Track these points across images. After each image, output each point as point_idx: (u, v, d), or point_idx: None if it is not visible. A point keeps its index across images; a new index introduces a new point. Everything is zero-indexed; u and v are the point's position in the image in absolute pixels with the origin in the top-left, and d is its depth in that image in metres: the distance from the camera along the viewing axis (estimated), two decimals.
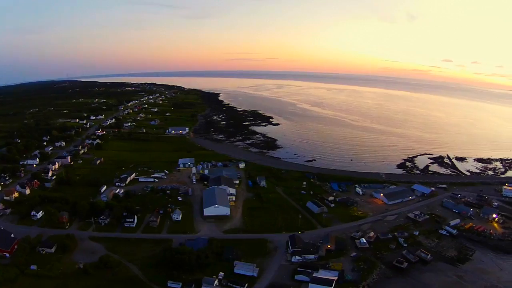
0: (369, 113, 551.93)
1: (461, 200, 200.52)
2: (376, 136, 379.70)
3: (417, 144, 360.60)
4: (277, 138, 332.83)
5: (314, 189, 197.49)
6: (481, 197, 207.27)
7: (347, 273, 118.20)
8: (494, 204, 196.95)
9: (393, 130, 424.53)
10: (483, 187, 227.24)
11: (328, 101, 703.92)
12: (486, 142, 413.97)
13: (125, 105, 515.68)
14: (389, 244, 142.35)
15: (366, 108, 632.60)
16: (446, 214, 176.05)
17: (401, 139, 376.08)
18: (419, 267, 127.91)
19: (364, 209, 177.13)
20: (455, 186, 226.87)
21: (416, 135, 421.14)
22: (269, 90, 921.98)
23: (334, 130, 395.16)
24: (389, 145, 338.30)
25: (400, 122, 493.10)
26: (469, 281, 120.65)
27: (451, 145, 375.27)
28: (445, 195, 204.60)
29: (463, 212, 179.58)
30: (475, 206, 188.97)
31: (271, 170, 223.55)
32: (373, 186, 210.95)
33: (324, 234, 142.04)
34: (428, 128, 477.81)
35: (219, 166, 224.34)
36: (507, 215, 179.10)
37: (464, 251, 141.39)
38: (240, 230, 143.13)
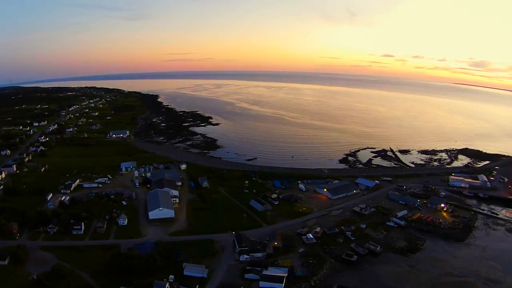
0: (309, 110, 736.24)
1: (407, 191, 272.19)
2: (317, 132, 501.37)
3: (359, 139, 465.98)
4: (217, 138, 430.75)
5: (257, 188, 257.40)
6: (428, 187, 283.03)
7: (297, 269, 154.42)
8: (441, 194, 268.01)
9: (334, 125, 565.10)
10: (429, 178, 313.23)
11: (267, 99, 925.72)
12: (429, 134, 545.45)
13: (67, 110, 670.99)
14: (337, 238, 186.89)
15: (306, 105, 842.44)
16: (393, 206, 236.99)
17: (343, 134, 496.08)
18: (369, 259, 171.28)
19: (309, 205, 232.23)
20: (400, 178, 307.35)
21: (358, 129, 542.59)
22: (207, 90, 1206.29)
23: (274, 128, 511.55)
24: (330, 141, 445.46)
25: (341, 117, 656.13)
26: (422, 270, 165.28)
27: (393, 138, 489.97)
28: (390, 188, 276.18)
29: (410, 203, 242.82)
30: (422, 197, 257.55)
31: (213, 170, 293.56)
32: (316, 182, 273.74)
33: (270, 232, 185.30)
34: (369, 123, 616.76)
35: (161, 169, 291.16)
36: (456, 204, 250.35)
37: (414, 241, 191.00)
38: (186, 232, 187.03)
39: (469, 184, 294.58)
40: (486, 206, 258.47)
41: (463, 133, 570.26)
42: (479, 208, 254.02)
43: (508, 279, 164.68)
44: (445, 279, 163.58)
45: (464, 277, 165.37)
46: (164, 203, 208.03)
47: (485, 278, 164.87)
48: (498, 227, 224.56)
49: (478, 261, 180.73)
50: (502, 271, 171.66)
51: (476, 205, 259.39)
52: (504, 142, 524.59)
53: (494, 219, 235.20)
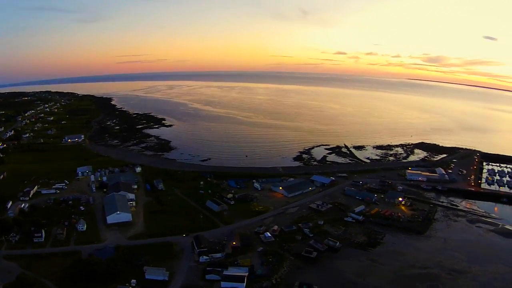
0: (261, 109, 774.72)
1: (363, 187, 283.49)
2: (270, 131, 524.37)
3: (312, 136, 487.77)
4: (171, 139, 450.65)
5: (212, 188, 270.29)
6: (384, 182, 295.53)
7: (257, 268, 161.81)
8: (398, 188, 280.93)
9: (287, 124, 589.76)
10: (385, 173, 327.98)
11: (220, 99, 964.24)
12: (384, 129, 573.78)
13: (23, 115, 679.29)
14: (295, 236, 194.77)
15: (258, 104, 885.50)
16: (350, 202, 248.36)
17: (296, 132, 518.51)
18: (329, 255, 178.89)
19: (265, 204, 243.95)
20: (356, 174, 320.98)
21: (311, 127, 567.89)
22: (160, 91, 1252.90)
23: (227, 128, 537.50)
24: (284, 139, 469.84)
25: (294, 115, 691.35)
26: (384, 263, 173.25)
27: (348, 135, 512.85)
28: (346, 184, 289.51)
29: (367, 198, 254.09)
30: (379, 192, 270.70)
31: (168, 172, 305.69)
32: (271, 180, 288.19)
33: (228, 232, 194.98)
34: (322, 120, 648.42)
35: (116, 172, 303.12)
36: (414, 197, 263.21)
37: (374, 235, 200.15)
38: (144, 235, 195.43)
39: (427, 178, 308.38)
40: (445, 198, 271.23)
41: (418, 128, 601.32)
42: (438, 200, 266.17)
43: (473, 268, 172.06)
44: (408, 271, 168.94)
45: (428, 269, 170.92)
46: (121, 207, 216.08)
47: (449, 269, 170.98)
48: (459, 218, 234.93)
49: (440, 252, 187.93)
50: (467, 261, 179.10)
51: (435, 197, 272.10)
52: (461, 135, 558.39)
53: (454, 211, 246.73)
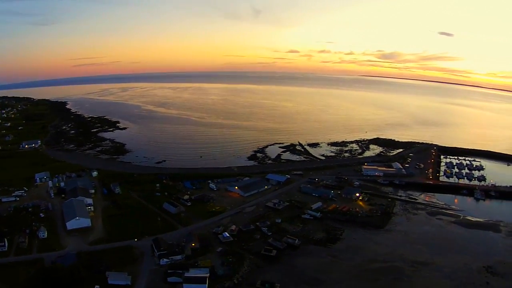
0: (214, 109, 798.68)
1: (319, 183, 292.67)
2: (224, 131, 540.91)
3: (266, 135, 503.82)
4: (126, 142, 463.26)
5: (168, 190, 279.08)
6: (340, 178, 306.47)
7: (218, 269, 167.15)
8: (355, 184, 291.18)
9: (241, 123, 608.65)
10: (341, 169, 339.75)
11: (173, 101, 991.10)
12: (339, 126, 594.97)
13: None
14: (253, 235, 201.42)
15: (212, 104, 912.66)
16: (306, 199, 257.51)
17: (250, 131, 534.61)
18: (289, 253, 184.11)
19: (221, 204, 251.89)
20: (311, 171, 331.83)
21: (265, 126, 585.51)
22: (114, 94, 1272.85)
23: (181, 129, 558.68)
24: (238, 139, 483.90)
25: (247, 115, 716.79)
26: (345, 259, 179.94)
27: (302, 132, 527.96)
28: (302, 181, 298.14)
29: (323, 195, 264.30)
30: (336, 188, 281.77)
31: (124, 175, 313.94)
32: (226, 180, 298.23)
33: (186, 233, 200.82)
34: (276, 119, 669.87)
35: (73, 177, 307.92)
36: (372, 192, 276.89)
37: (333, 231, 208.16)
38: (104, 240, 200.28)
39: (383, 173, 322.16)
40: (403, 192, 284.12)
41: (373, 124, 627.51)
42: (396, 194, 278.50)
43: (436, 260, 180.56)
44: (370, 265, 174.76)
45: (390, 262, 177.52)
46: (79, 212, 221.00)
47: (412, 261, 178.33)
48: (418, 211, 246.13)
49: (402, 245, 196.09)
50: (429, 253, 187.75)
51: (393, 192, 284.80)
52: (417, 130, 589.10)
53: (413, 204, 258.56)
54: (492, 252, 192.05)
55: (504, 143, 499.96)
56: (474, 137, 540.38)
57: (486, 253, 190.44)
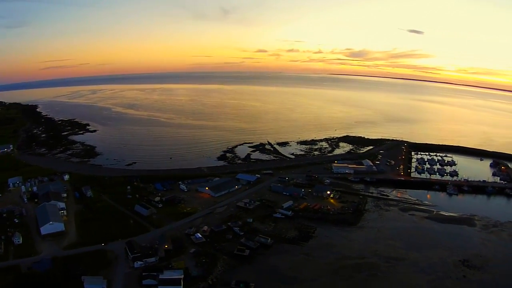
0: (183, 110, 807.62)
1: (290, 182, 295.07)
2: (193, 131, 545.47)
3: (235, 135, 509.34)
4: (96, 145, 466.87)
5: (139, 192, 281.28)
6: (311, 176, 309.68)
7: (192, 270, 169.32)
8: (326, 182, 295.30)
9: (209, 124, 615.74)
10: (311, 167, 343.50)
11: (142, 102, 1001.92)
12: (308, 125, 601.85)
13: None
14: (226, 235, 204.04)
15: (180, 105, 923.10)
16: (277, 198, 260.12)
17: (219, 132, 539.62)
18: (262, 252, 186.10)
19: (192, 205, 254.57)
20: (281, 170, 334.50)
21: (233, 126, 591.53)
22: (83, 96, 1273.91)
23: (151, 130, 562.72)
24: (207, 139, 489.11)
25: (216, 115, 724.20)
26: (318, 256, 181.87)
27: (271, 132, 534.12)
28: (272, 180, 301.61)
29: (294, 193, 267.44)
30: (306, 186, 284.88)
31: (95, 179, 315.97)
32: (197, 181, 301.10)
33: (159, 235, 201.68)
34: (244, 118, 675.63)
35: (45, 181, 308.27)
36: (343, 189, 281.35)
37: (305, 229, 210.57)
38: (78, 244, 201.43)
39: (354, 170, 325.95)
40: (375, 189, 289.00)
41: (342, 122, 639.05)
42: (368, 191, 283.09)
43: (411, 255, 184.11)
44: (345, 262, 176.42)
45: (364, 259, 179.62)
46: (53, 217, 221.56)
47: (386, 257, 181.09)
48: (390, 207, 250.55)
49: (375, 242, 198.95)
50: (403, 248, 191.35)
51: (364, 189, 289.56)
52: (387, 127, 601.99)
53: (385, 201, 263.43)
54: (468, 245, 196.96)
55: (476, 138, 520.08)
56: (445, 133, 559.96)
57: (461, 247, 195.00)
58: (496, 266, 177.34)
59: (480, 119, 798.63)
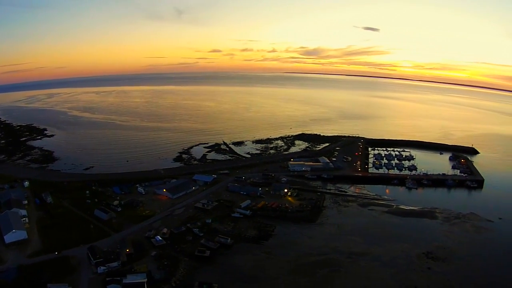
0: (139, 112, 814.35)
1: (247, 181, 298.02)
2: (148, 133, 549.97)
3: (190, 136, 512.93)
4: (54, 150, 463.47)
5: (98, 196, 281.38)
6: (267, 175, 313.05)
7: (154, 273, 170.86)
8: (283, 180, 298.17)
9: (165, 125, 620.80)
10: (267, 166, 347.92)
11: (98, 105, 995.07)
12: (263, 124, 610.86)
13: None
14: (185, 237, 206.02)
15: (135, 107, 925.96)
16: (235, 198, 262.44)
17: (174, 133, 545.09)
18: (223, 252, 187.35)
19: (151, 207, 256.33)
20: (238, 169, 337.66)
21: (188, 126, 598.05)
22: (40, 101, 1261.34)
23: (107, 133, 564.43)
24: (163, 141, 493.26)
25: (171, 116, 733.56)
26: (279, 254, 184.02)
27: (226, 132, 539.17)
28: (229, 180, 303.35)
29: (251, 192, 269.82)
30: (263, 185, 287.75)
31: (54, 184, 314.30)
32: (154, 183, 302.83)
33: (120, 239, 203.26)
34: (199, 119, 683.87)
35: (6, 189, 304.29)
36: (300, 187, 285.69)
37: (264, 228, 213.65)
38: (41, 252, 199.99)
39: (310, 167, 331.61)
40: (332, 185, 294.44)
41: (298, 120, 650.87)
42: (325, 188, 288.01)
43: (373, 249, 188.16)
44: (306, 259, 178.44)
45: (326, 255, 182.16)
46: (16, 224, 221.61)
47: (348, 253, 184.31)
48: (349, 203, 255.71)
49: (336, 238, 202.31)
50: (364, 243, 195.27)
51: (322, 186, 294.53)
52: (342, 124, 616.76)
53: (343, 197, 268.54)
54: (431, 238, 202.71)
55: (435, 133, 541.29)
56: (403, 129, 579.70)
57: (424, 239, 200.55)
58: (461, 257, 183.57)
59: (439, 114, 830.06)
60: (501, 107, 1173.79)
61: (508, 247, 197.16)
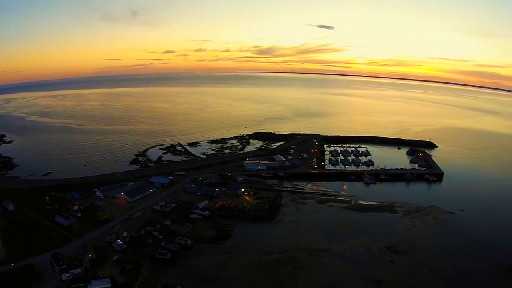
0: (95, 116, 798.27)
1: (203, 182, 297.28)
2: (105, 137, 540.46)
3: (146, 138, 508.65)
4: (13, 156, 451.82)
5: (58, 202, 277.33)
6: (224, 175, 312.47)
7: (118, 278, 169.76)
8: (239, 179, 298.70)
9: (120, 128, 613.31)
10: (223, 166, 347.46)
11: (55, 109, 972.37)
12: (217, 124, 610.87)
13: None
14: (146, 240, 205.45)
15: (91, 110, 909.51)
16: (192, 199, 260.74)
17: (130, 136, 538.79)
18: (184, 254, 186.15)
19: (110, 211, 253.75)
20: (194, 170, 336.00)
21: (144, 128, 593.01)
22: None
23: (64, 138, 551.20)
24: (119, 144, 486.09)
25: (126, 119, 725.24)
26: (240, 254, 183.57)
27: (181, 133, 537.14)
28: (185, 181, 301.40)
29: (208, 193, 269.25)
30: (220, 185, 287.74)
31: (15, 191, 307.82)
32: (112, 187, 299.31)
33: (81, 245, 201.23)
34: (154, 121, 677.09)
35: None
36: (257, 186, 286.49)
37: (223, 228, 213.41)
38: (6, 261, 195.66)
39: (266, 166, 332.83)
40: (289, 183, 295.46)
41: (252, 119, 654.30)
42: (282, 186, 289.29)
43: (333, 245, 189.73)
44: (267, 258, 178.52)
45: (286, 253, 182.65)
46: None
47: (308, 250, 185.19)
48: (307, 200, 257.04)
49: (295, 235, 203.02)
50: (325, 239, 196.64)
51: (278, 184, 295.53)
52: (297, 122, 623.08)
53: (301, 194, 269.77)
54: (392, 232, 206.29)
55: (391, 128, 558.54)
56: (359, 125, 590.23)
57: (385, 233, 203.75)
58: (424, 249, 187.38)
59: (395, 110, 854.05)
60: (457, 101, 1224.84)
61: (472, 237, 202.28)
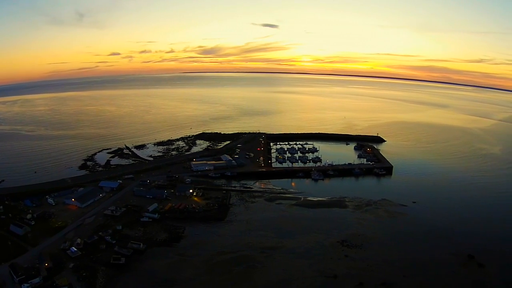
0: (43, 121, 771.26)
1: (151, 185, 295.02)
2: (54, 142, 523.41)
3: (93, 142, 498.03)
4: None
5: (12, 211, 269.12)
6: (171, 177, 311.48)
7: (75, 285, 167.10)
8: (187, 181, 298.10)
9: (68, 133, 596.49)
10: (170, 167, 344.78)
11: (4, 116, 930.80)
12: (163, 125, 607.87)
13: None
14: (99, 245, 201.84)
15: (40, 115, 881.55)
16: (142, 202, 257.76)
17: (78, 140, 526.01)
18: (137, 258, 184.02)
19: (63, 218, 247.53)
20: (142, 173, 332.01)
21: (91, 133, 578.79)
22: None
23: (14, 145, 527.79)
24: (68, 149, 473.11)
25: (73, 123, 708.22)
26: (193, 255, 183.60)
27: (128, 136, 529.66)
28: (134, 184, 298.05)
29: (157, 195, 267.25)
30: (168, 187, 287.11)
31: None
32: (63, 193, 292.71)
33: (37, 254, 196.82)
34: (101, 124, 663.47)
35: None
36: (205, 186, 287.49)
37: (174, 230, 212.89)
38: None
39: (213, 166, 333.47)
40: (237, 183, 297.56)
41: (197, 120, 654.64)
42: (230, 186, 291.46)
43: (285, 243, 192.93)
44: (220, 258, 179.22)
45: (239, 252, 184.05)
46: None
47: (261, 248, 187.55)
48: (256, 199, 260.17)
49: (246, 234, 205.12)
50: (276, 237, 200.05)
51: (226, 184, 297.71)
52: (242, 121, 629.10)
53: (249, 193, 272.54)
54: (343, 226, 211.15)
55: (338, 124, 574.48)
56: (305, 122, 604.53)
57: (337, 228, 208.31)
58: (378, 242, 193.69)
59: (341, 106, 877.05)
60: (403, 96, 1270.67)
61: (426, 228, 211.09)
